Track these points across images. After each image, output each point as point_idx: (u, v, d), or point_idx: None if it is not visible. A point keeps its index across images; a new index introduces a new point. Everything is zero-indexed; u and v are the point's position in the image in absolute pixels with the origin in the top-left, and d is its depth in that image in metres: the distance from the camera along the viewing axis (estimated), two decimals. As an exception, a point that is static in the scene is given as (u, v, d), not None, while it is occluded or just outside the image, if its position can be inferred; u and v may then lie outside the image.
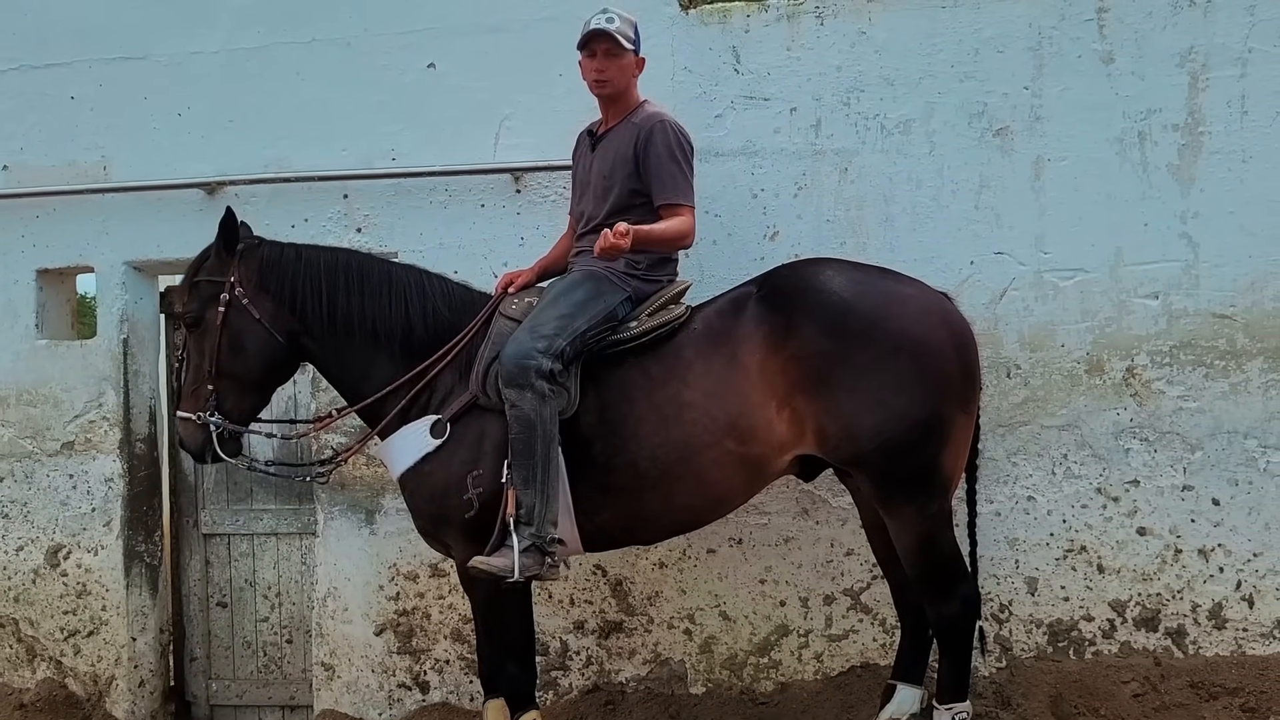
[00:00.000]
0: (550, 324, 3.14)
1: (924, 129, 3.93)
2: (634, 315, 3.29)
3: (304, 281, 3.33)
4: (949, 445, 3.12)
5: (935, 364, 3.09)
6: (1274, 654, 3.70)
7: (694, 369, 3.17)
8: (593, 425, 3.17)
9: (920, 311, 3.16)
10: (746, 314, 3.20)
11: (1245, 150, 3.75)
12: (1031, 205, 3.87)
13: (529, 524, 3.04)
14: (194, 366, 3.33)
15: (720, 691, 3.98)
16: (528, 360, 3.05)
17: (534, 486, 3.04)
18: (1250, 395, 3.74)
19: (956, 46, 3.91)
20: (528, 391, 3.03)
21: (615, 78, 3.36)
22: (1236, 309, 3.76)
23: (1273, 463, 3.72)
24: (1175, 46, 3.79)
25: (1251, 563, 3.74)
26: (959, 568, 3.20)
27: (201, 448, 3.30)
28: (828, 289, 3.16)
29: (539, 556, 3.05)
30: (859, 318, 3.10)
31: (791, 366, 3.08)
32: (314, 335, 3.34)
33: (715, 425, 3.11)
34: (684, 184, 3.30)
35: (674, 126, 3.31)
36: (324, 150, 4.24)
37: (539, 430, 3.03)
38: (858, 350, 3.06)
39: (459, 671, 4.15)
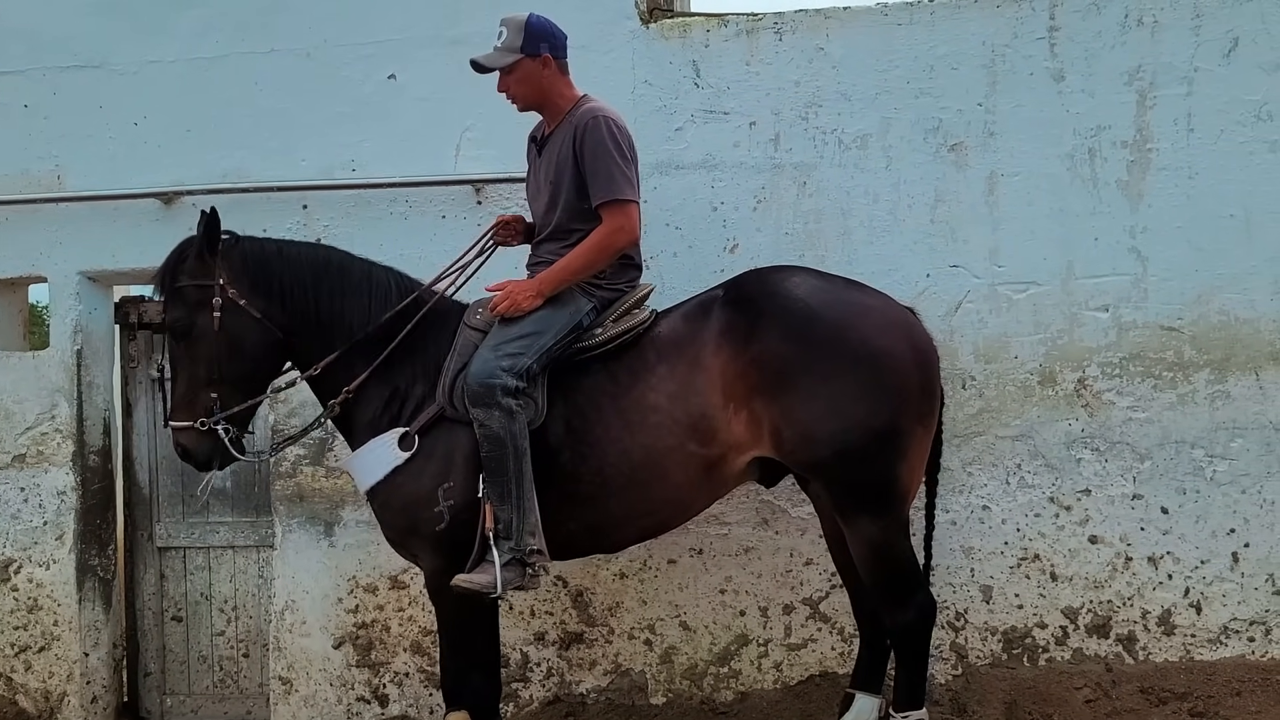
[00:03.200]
0: (515, 342, 3.12)
1: (880, 144, 3.99)
2: (599, 322, 3.28)
3: (290, 277, 3.28)
4: (906, 457, 3.15)
5: (896, 376, 3.11)
6: (1221, 659, 3.78)
7: (657, 372, 3.18)
8: (560, 435, 3.17)
9: (884, 323, 3.18)
10: (711, 317, 3.21)
11: (1191, 166, 3.84)
12: (985, 219, 3.94)
13: (508, 538, 3.05)
14: (187, 375, 3.22)
15: (681, 701, 4.00)
16: (493, 380, 3.03)
17: (510, 501, 3.04)
18: (1197, 406, 3.83)
19: (912, 63, 3.97)
20: (495, 410, 3.02)
21: (520, 91, 3.33)
22: (1184, 322, 3.84)
23: (1219, 472, 3.81)
24: (1124, 65, 3.88)
25: (1199, 570, 3.82)
26: (914, 577, 3.22)
27: (209, 455, 3.22)
28: (793, 295, 3.18)
29: (519, 569, 3.06)
30: (823, 325, 3.12)
31: (752, 369, 3.10)
32: (299, 332, 3.29)
33: (678, 428, 3.12)
34: (620, 178, 3.21)
35: (609, 119, 3.24)
36: (283, 160, 4.23)
37: (510, 446, 3.02)
38: (820, 357, 3.08)
39: (419, 684, 4.14)
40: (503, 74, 3.33)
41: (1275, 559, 3.79)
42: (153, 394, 4.57)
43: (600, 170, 3.20)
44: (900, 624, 3.19)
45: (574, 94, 3.37)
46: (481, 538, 3.07)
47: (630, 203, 3.23)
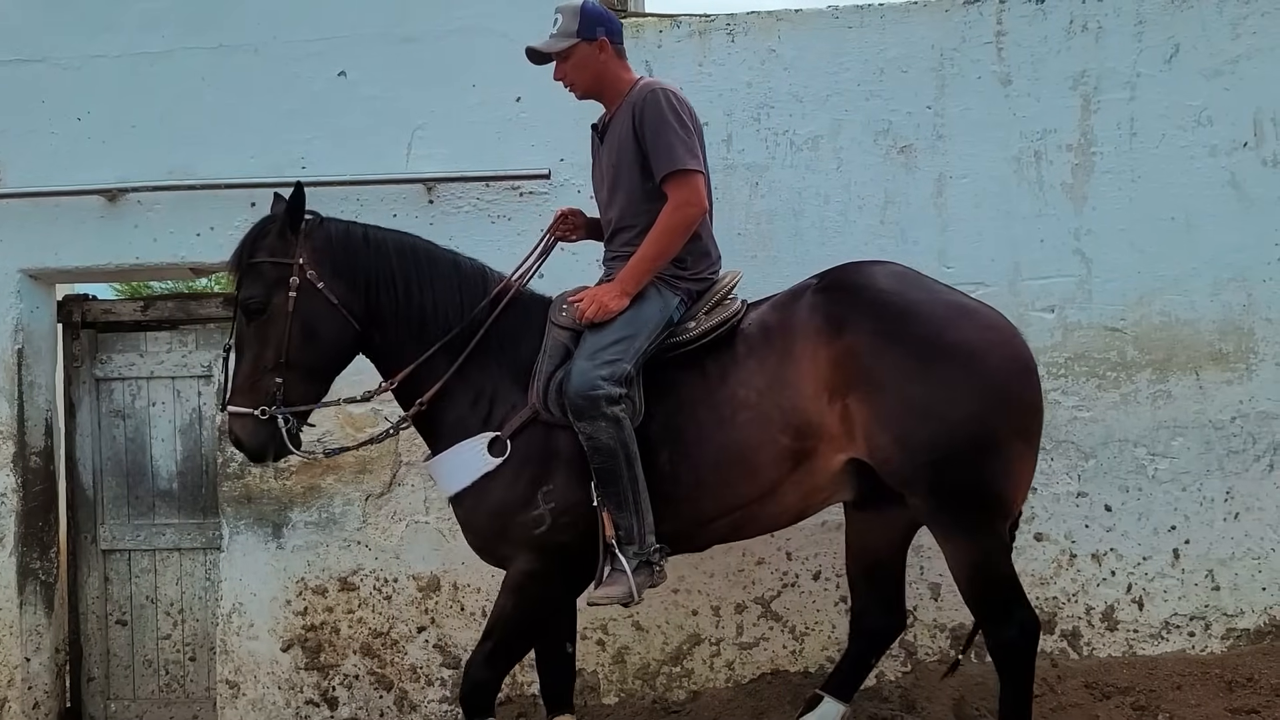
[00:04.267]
0: (611, 349, 2.98)
1: (831, 145, 4.02)
2: (691, 315, 3.15)
3: (377, 266, 3.09)
4: (1009, 470, 2.95)
5: (995, 381, 2.93)
6: (1163, 654, 3.85)
7: (747, 366, 3.05)
8: (658, 434, 3.03)
9: (985, 325, 3.01)
10: (802, 305, 3.07)
11: (1134, 170, 3.92)
12: (934, 221, 3.99)
13: (630, 543, 2.93)
14: (252, 356, 3.02)
15: (633, 701, 4.00)
16: (595, 391, 2.89)
17: (629, 508, 2.92)
18: (1139, 405, 3.90)
19: (863, 66, 4.02)
20: (601, 421, 2.89)
21: (578, 77, 3.20)
22: (1126, 323, 3.92)
23: (1160, 470, 3.89)
24: (1069, 70, 3.95)
25: (1141, 566, 3.90)
26: (1015, 594, 3.02)
27: (264, 445, 3.01)
28: (890, 289, 3.03)
29: (648, 571, 2.96)
30: (920, 322, 2.95)
31: (845, 361, 2.94)
32: (380, 325, 3.11)
33: (769, 423, 2.99)
34: (681, 148, 3.05)
35: (666, 91, 3.11)
36: (231, 157, 4.17)
37: (621, 455, 2.90)
38: (915, 355, 2.91)
39: (369, 687, 4.10)
40: (559, 61, 3.20)
41: (1214, 555, 3.87)
42: (96, 394, 4.49)
43: (660, 143, 3.05)
44: (1002, 642, 3.00)
45: (632, 77, 3.25)
46: (606, 549, 2.94)
47: (695, 173, 3.07)
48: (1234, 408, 3.87)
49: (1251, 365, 3.87)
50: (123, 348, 4.51)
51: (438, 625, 4.09)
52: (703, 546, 3.28)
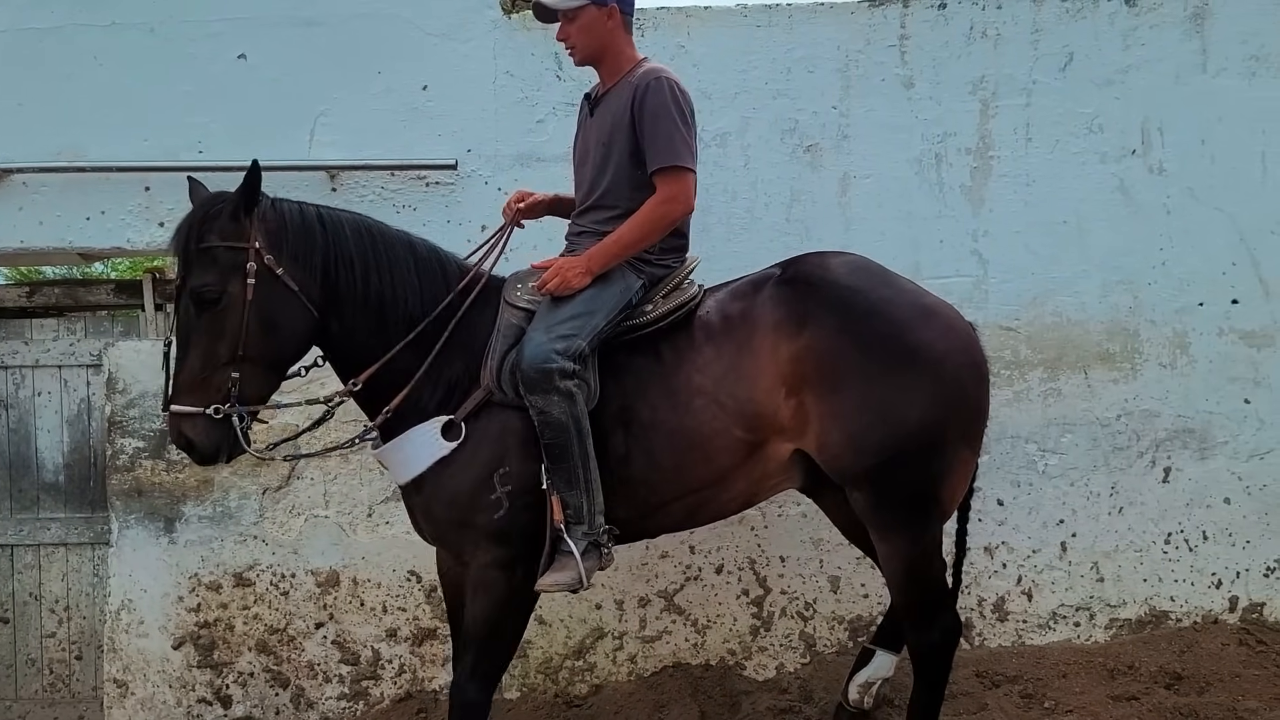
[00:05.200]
0: (567, 323, 2.92)
1: (739, 142, 4.06)
2: (649, 298, 3.10)
3: (335, 249, 2.91)
4: (951, 475, 2.98)
5: (952, 387, 2.93)
6: (1050, 643, 3.98)
7: (704, 353, 3.01)
8: (613, 417, 2.97)
9: (947, 329, 3.00)
10: (763, 296, 3.05)
11: (1029, 174, 4.03)
12: (839, 219, 4.05)
13: (580, 523, 2.86)
14: (203, 350, 2.76)
15: (535, 695, 3.99)
16: (549, 364, 2.82)
17: (578, 485, 2.85)
18: (1031, 403, 4.02)
19: (770, 64, 4.05)
20: (554, 395, 2.82)
21: (582, 40, 3.11)
22: (1020, 322, 4.03)
23: (1050, 465, 4.01)
24: (968, 75, 4.05)
25: (1031, 559, 4.02)
26: (942, 597, 3.09)
27: (218, 447, 2.78)
28: (853, 286, 3.00)
29: (596, 553, 2.90)
30: (882, 322, 2.94)
31: (804, 358, 2.93)
32: (338, 312, 2.92)
33: (724, 411, 2.96)
34: (681, 144, 3.00)
35: (672, 82, 3.04)
36: (124, 140, 4.03)
37: (573, 430, 2.83)
38: (875, 357, 2.90)
39: (264, 684, 4.01)
40: (565, 21, 3.10)
41: (1100, 548, 4.01)
42: (-23, 383, 4.31)
43: (661, 134, 2.98)
44: (925, 643, 3.06)
45: (635, 54, 3.18)
46: (553, 533, 2.86)
47: (689, 171, 3.03)
48: (1119, 406, 4.02)
49: (1136, 365, 4.02)
50: (6, 335, 4.33)
51: (337, 621, 4.02)
52: (655, 533, 3.21)
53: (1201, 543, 4.01)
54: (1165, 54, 4.03)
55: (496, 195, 4.02)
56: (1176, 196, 4.02)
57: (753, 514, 4.00)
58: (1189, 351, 4.02)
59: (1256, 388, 4.01)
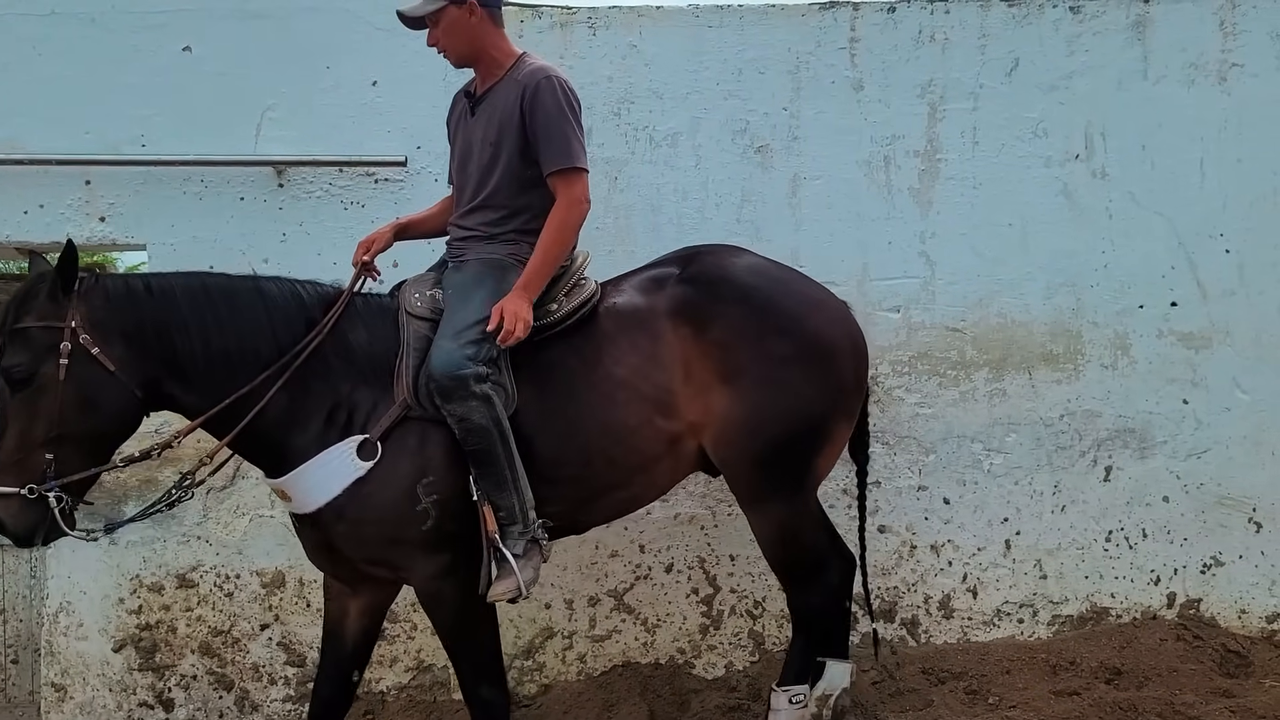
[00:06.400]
0: (475, 328, 2.90)
1: (690, 142, 4.07)
2: (551, 297, 3.09)
3: (164, 319, 2.84)
4: (827, 448, 3.18)
5: (838, 371, 3.14)
6: (994, 640, 4.04)
7: (620, 346, 3.07)
8: (535, 418, 2.98)
9: (834, 317, 3.21)
10: (667, 292, 3.12)
11: (976, 177, 4.09)
12: (788, 220, 4.07)
13: (514, 523, 2.87)
14: (18, 430, 2.71)
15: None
16: (462, 370, 2.82)
17: (508, 487, 2.86)
18: (977, 403, 4.08)
19: (721, 65, 4.07)
20: (472, 400, 2.82)
21: (450, 42, 3.11)
22: (966, 323, 4.08)
23: (995, 464, 4.07)
24: (917, 78, 4.09)
25: (976, 557, 4.08)
26: (821, 559, 3.23)
27: (33, 529, 2.70)
28: (750, 283, 3.15)
29: (537, 550, 2.90)
30: (779, 315, 3.10)
31: (713, 352, 3.04)
32: (182, 378, 2.86)
33: (645, 402, 3.03)
34: (575, 145, 3.04)
35: (561, 80, 3.06)
36: (64, 132, 3.94)
37: (495, 433, 2.84)
38: (774, 348, 3.05)
39: (207, 687, 3.95)
40: (431, 26, 3.09)
41: (1043, 545, 4.08)
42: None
43: (555, 135, 3.00)
44: (806, 603, 3.22)
45: (511, 49, 3.18)
46: (489, 543, 2.85)
47: (585, 171, 3.07)
48: (1062, 406, 4.09)
49: (1079, 366, 4.09)
50: (-60, 331, 4.22)
51: (282, 622, 3.97)
52: (586, 527, 3.25)
53: (1141, 540, 4.09)
54: (1108, 60, 4.11)
55: (446, 192, 3.99)
56: (1118, 200, 4.10)
57: (702, 513, 4.02)
58: (1130, 353, 4.10)
59: (1194, 388, 4.10)
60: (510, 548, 2.85)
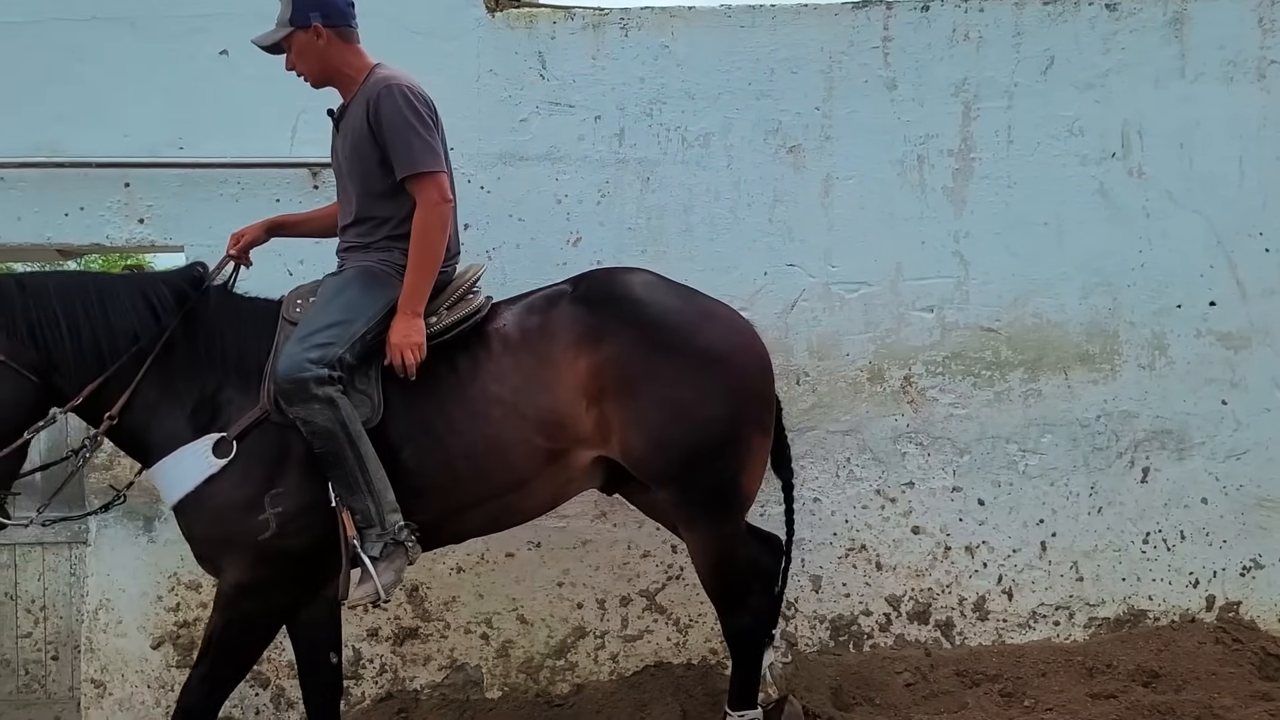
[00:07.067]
0: (323, 332, 2.93)
1: (722, 143, 4.07)
2: (431, 309, 3.12)
3: (37, 312, 2.94)
4: (748, 465, 3.14)
5: (739, 382, 3.11)
6: (1029, 642, 4.01)
7: (502, 364, 3.07)
8: (402, 429, 3.00)
9: (729, 331, 3.18)
10: (559, 312, 3.13)
11: (1010, 176, 4.06)
12: (821, 220, 4.06)
13: (371, 526, 2.88)
14: None
15: (516, 695, 3.98)
16: (302, 374, 2.84)
17: (360, 490, 2.87)
18: (1012, 403, 4.05)
19: (754, 65, 4.07)
20: (314, 404, 2.84)
21: (303, 66, 3.18)
22: (1001, 323, 4.06)
23: (1030, 465, 4.04)
24: (951, 77, 4.07)
25: (1011, 558, 4.05)
26: (751, 582, 3.25)
27: None
28: (643, 300, 3.13)
29: (401, 552, 2.91)
30: (671, 331, 3.08)
31: (604, 371, 3.03)
32: (59, 369, 2.95)
33: (524, 421, 3.03)
34: (421, 148, 3.04)
35: (402, 87, 3.06)
36: (104, 135, 4.00)
37: (341, 435, 2.85)
38: (668, 363, 3.04)
39: (244, 684, 3.97)
40: (286, 53, 3.18)
41: (1079, 547, 4.04)
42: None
43: (400, 143, 3.03)
44: (738, 627, 3.23)
45: (365, 63, 3.19)
46: (348, 549, 2.87)
47: (436, 172, 3.07)
48: (1099, 406, 4.05)
49: (1116, 366, 4.05)
50: (-18, 331, 4.28)
51: (317, 620, 4.00)
52: (461, 538, 3.30)
53: (1179, 542, 4.05)
54: (1145, 58, 4.07)
55: (479, 194, 4.02)
56: (1155, 199, 4.06)
57: (735, 513, 4.01)
58: (1167, 353, 4.05)
59: (1233, 389, 4.05)
60: (368, 550, 2.87)
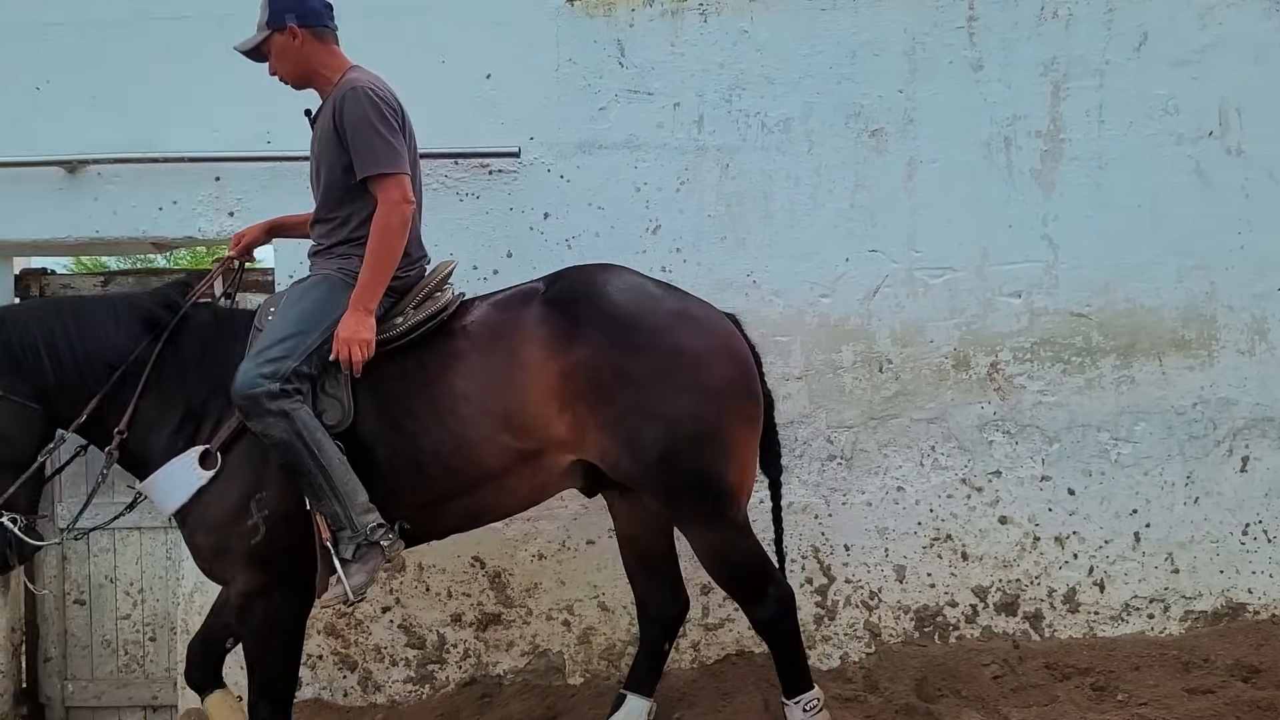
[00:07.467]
0: (277, 346, 2.97)
1: (803, 128, 4.02)
2: (398, 310, 3.15)
3: (22, 341, 3.03)
4: (733, 458, 3.09)
5: (714, 377, 3.07)
6: (1122, 635, 3.91)
7: (469, 361, 3.08)
8: (373, 431, 3.03)
9: (702, 329, 3.14)
10: (530, 312, 3.11)
11: (1101, 157, 3.95)
12: (904, 205, 3.99)
13: (343, 528, 2.94)
14: None
15: (598, 682, 4.00)
16: (254, 390, 2.89)
17: (326, 495, 2.92)
18: (1103, 390, 3.94)
19: (835, 48, 4.01)
20: (268, 417, 2.89)
21: (281, 68, 3.23)
22: (1092, 308, 3.95)
23: (1123, 454, 3.93)
24: (1039, 56, 3.97)
25: (1103, 549, 3.94)
26: (764, 573, 3.18)
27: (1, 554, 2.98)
28: (614, 301, 3.10)
29: (377, 552, 2.96)
30: (642, 332, 3.05)
31: (576, 374, 3.02)
32: (52, 394, 3.04)
33: (491, 419, 3.03)
34: (383, 149, 3.05)
35: (365, 89, 3.07)
36: (194, 131, 4.09)
37: (300, 446, 2.89)
38: (639, 365, 3.01)
39: (332, 667, 4.07)
40: (267, 57, 3.22)
41: (1174, 539, 3.93)
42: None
43: (361, 145, 3.05)
44: (762, 619, 3.20)
45: (339, 64, 3.24)
46: (322, 551, 2.95)
47: (396, 173, 3.07)
48: (1195, 394, 3.92)
49: (1213, 352, 3.92)
50: (82, 323, 4.42)
51: (403, 605, 4.06)
52: (440, 534, 3.30)
53: (1280, 534, 3.91)
54: (1244, 33, 3.93)
55: (559, 183, 4.04)
56: (1255, 179, 3.92)
57: (816, 502, 3.98)
58: (1268, 338, 3.92)
59: (1339, 375, 3.90)
60: (340, 553, 2.93)
